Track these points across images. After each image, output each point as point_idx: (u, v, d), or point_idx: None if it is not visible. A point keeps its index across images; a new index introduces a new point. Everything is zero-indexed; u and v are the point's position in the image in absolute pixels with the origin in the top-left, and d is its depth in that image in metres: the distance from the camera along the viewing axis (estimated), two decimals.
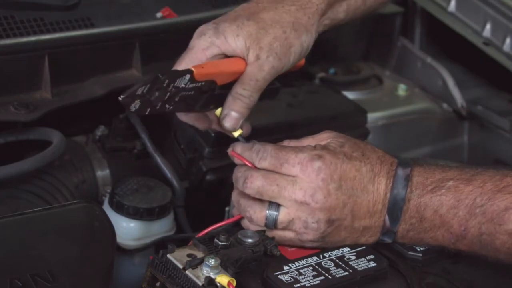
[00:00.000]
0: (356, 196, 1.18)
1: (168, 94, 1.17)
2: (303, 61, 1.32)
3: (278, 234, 1.20)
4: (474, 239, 1.15)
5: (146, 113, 1.17)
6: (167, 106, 1.19)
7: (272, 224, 1.19)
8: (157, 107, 1.18)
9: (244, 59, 1.23)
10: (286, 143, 1.24)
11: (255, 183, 1.18)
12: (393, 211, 1.18)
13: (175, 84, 1.17)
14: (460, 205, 1.15)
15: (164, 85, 1.16)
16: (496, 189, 1.14)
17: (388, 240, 1.20)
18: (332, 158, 1.17)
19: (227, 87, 1.25)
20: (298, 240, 1.19)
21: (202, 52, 1.23)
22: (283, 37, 1.24)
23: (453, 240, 1.17)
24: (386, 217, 1.18)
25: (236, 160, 1.23)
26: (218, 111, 1.26)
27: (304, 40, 1.27)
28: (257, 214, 1.19)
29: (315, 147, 1.20)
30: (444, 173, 1.18)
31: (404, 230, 1.19)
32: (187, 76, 1.18)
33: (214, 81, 1.22)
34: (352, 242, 1.20)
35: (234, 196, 1.24)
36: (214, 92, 1.23)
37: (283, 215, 1.18)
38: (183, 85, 1.19)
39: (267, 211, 1.19)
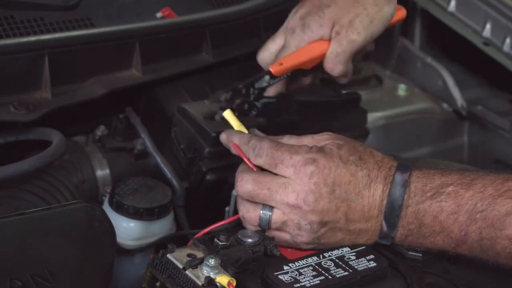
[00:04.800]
0: (350, 200, 1.17)
1: (252, 97, 1.33)
2: (403, 14, 1.45)
3: (274, 235, 1.20)
4: (475, 244, 1.14)
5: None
6: (253, 112, 1.38)
7: (265, 224, 1.18)
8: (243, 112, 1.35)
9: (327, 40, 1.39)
10: (286, 139, 1.24)
11: (245, 187, 1.18)
12: (390, 217, 1.17)
13: (256, 87, 1.34)
14: (460, 210, 1.14)
15: (244, 92, 1.33)
16: (497, 193, 1.13)
17: (386, 243, 1.20)
18: (326, 162, 1.16)
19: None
20: (293, 242, 1.19)
21: (295, 49, 1.41)
22: (364, 14, 1.38)
23: (453, 245, 1.16)
24: (383, 223, 1.17)
25: (233, 150, 1.23)
26: (226, 113, 1.28)
27: (386, 11, 1.40)
28: (250, 214, 1.19)
29: (311, 149, 1.18)
30: (444, 178, 1.17)
31: (402, 235, 1.18)
32: (266, 77, 1.35)
33: (301, 70, 1.38)
34: (350, 243, 1.20)
35: (235, 192, 1.23)
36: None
37: (276, 216, 1.18)
38: (265, 84, 1.35)
39: (261, 211, 1.18)
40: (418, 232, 1.17)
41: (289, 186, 1.16)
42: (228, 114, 1.28)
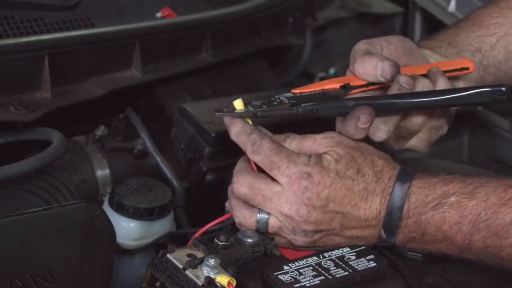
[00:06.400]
0: (346, 212, 1.16)
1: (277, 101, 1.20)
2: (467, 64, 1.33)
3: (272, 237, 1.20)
4: (479, 251, 1.14)
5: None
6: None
7: (263, 228, 1.18)
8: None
9: None
10: (288, 141, 1.23)
11: (241, 190, 1.17)
12: (389, 227, 1.16)
13: (276, 97, 1.21)
14: (463, 220, 1.13)
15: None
16: (500, 202, 1.12)
17: (386, 245, 1.19)
18: (321, 177, 1.15)
19: None
20: (291, 245, 1.19)
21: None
22: None
23: (457, 251, 1.15)
24: (382, 231, 1.17)
25: (232, 137, 1.20)
26: (236, 102, 1.21)
27: None
28: (247, 220, 1.18)
29: (309, 160, 1.16)
30: (446, 187, 1.15)
31: (403, 241, 1.17)
32: (288, 94, 1.22)
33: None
34: (348, 245, 1.20)
35: (228, 190, 1.22)
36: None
37: (272, 221, 1.17)
38: (289, 95, 1.21)
39: (258, 215, 1.18)
40: (421, 239, 1.16)
41: (283, 196, 1.15)
42: (238, 103, 1.21)
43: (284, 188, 1.15)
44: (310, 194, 1.14)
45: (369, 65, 1.23)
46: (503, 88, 1.23)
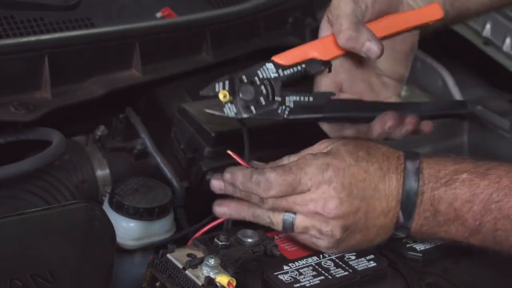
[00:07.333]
0: (369, 198, 1.16)
1: (262, 88, 1.20)
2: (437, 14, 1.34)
3: (296, 237, 1.19)
4: (489, 234, 1.14)
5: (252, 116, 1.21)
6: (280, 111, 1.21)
7: (289, 228, 1.18)
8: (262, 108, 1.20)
9: None
10: (286, 159, 1.23)
11: (267, 204, 1.17)
12: (407, 207, 1.16)
13: (260, 77, 1.20)
14: (475, 199, 1.14)
15: (245, 81, 1.19)
16: None
17: (401, 234, 1.19)
18: (339, 163, 1.15)
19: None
20: (314, 245, 1.18)
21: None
22: None
23: (467, 234, 1.15)
24: (400, 213, 1.17)
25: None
26: (221, 95, 1.21)
27: None
28: (275, 219, 1.18)
29: (315, 154, 1.17)
30: (458, 165, 1.16)
31: (417, 225, 1.17)
32: (270, 65, 1.21)
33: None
34: (367, 244, 1.19)
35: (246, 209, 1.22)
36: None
37: (299, 221, 1.17)
38: (273, 75, 1.21)
39: (284, 216, 1.18)
40: (433, 220, 1.16)
41: (307, 196, 1.15)
42: (222, 96, 1.22)
43: (311, 190, 1.15)
44: (336, 184, 1.15)
45: (355, 42, 1.23)
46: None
